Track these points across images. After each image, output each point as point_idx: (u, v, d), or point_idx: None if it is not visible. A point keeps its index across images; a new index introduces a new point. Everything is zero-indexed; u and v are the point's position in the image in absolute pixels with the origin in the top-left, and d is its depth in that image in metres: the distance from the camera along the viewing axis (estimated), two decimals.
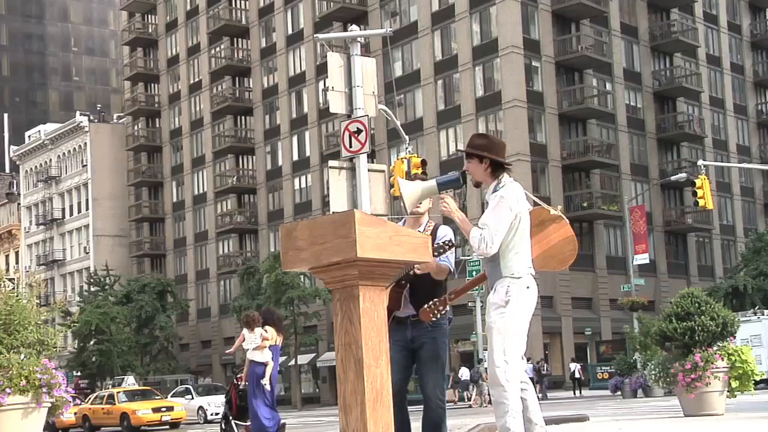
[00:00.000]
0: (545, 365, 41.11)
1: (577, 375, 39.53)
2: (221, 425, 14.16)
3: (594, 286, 49.07)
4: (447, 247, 5.57)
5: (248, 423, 12.72)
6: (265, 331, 12.16)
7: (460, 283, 6.73)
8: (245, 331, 12.29)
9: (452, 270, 5.77)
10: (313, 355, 53.68)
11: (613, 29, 52.20)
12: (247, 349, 12.10)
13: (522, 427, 5.17)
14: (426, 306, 5.63)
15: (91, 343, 53.67)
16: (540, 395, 34.20)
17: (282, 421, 12.60)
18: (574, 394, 38.09)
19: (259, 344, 11.98)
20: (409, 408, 6.02)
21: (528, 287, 5.24)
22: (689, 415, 11.13)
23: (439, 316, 5.68)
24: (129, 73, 70.67)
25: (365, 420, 4.01)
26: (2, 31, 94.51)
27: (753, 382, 11.28)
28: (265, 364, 11.99)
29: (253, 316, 12.34)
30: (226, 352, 22.83)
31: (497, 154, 5.31)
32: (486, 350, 5.99)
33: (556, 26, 49.57)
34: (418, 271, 5.67)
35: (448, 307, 5.80)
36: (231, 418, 13.52)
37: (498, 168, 5.30)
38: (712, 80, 57.60)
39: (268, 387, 11.95)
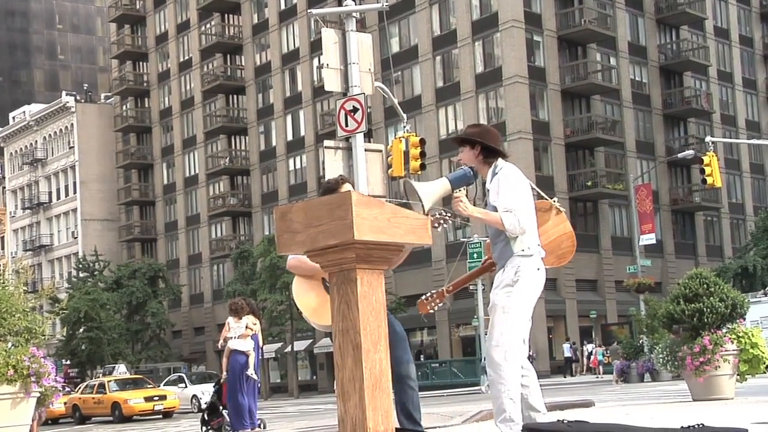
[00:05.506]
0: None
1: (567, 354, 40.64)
2: (203, 416, 13.56)
3: (599, 268, 48.44)
4: (447, 217, 5.54)
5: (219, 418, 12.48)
6: (254, 323, 11.90)
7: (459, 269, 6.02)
8: (231, 319, 11.89)
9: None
10: (310, 341, 53.27)
11: (617, 2, 51.64)
12: (231, 338, 11.73)
13: (518, 411, 5.06)
14: (423, 297, 5.64)
15: (81, 330, 53.74)
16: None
17: (258, 421, 12.20)
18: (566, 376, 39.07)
19: (242, 333, 11.69)
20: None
21: (538, 269, 5.24)
22: (698, 400, 10.97)
23: (436, 308, 5.69)
24: (116, 51, 69.98)
25: (364, 407, 3.98)
26: None
27: (764, 365, 11.16)
28: (246, 354, 11.63)
29: (240, 305, 11.98)
30: (218, 345, 21.90)
31: (490, 141, 5.37)
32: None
33: None
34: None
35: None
36: (220, 407, 12.89)
37: (490, 154, 5.36)
38: (720, 53, 56.92)
39: (254, 377, 11.65)
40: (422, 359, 46.02)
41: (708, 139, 33.20)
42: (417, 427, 5.92)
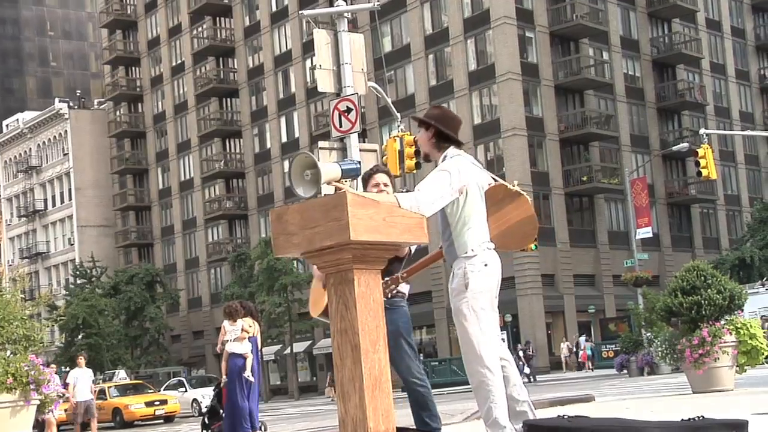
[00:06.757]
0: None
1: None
2: (204, 420, 13.45)
3: (596, 263, 48.42)
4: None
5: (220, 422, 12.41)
6: (250, 326, 11.86)
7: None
8: (226, 323, 11.86)
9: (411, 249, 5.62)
10: (309, 342, 53.24)
11: None
12: (227, 341, 11.72)
13: (505, 414, 4.97)
14: None
15: (79, 337, 53.68)
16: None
17: (259, 423, 12.25)
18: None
19: (238, 336, 11.67)
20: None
21: (486, 264, 5.07)
22: (698, 392, 11.05)
23: (390, 295, 5.61)
24: (108, 56, 69.79)
25: (364, 407, 3.96)
26: None
27: (763, 356, 11.22)
28: (244, 357, 11.61)
29: (235, 307, 11.96)
30: (216, 349, 21.95)
31: (446, 126, 5.14)
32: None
33: None
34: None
35: (404, 286, 5.83)
36: (220, 410, 12.81)
37: (443, 140, 5.12)
38: (713, 45, 56.91)
39: (252, 379, 11.63)
40: (422, 358, 46.04)
41: (702, 131, 33.28)
42: (425, 427, 5.87)
